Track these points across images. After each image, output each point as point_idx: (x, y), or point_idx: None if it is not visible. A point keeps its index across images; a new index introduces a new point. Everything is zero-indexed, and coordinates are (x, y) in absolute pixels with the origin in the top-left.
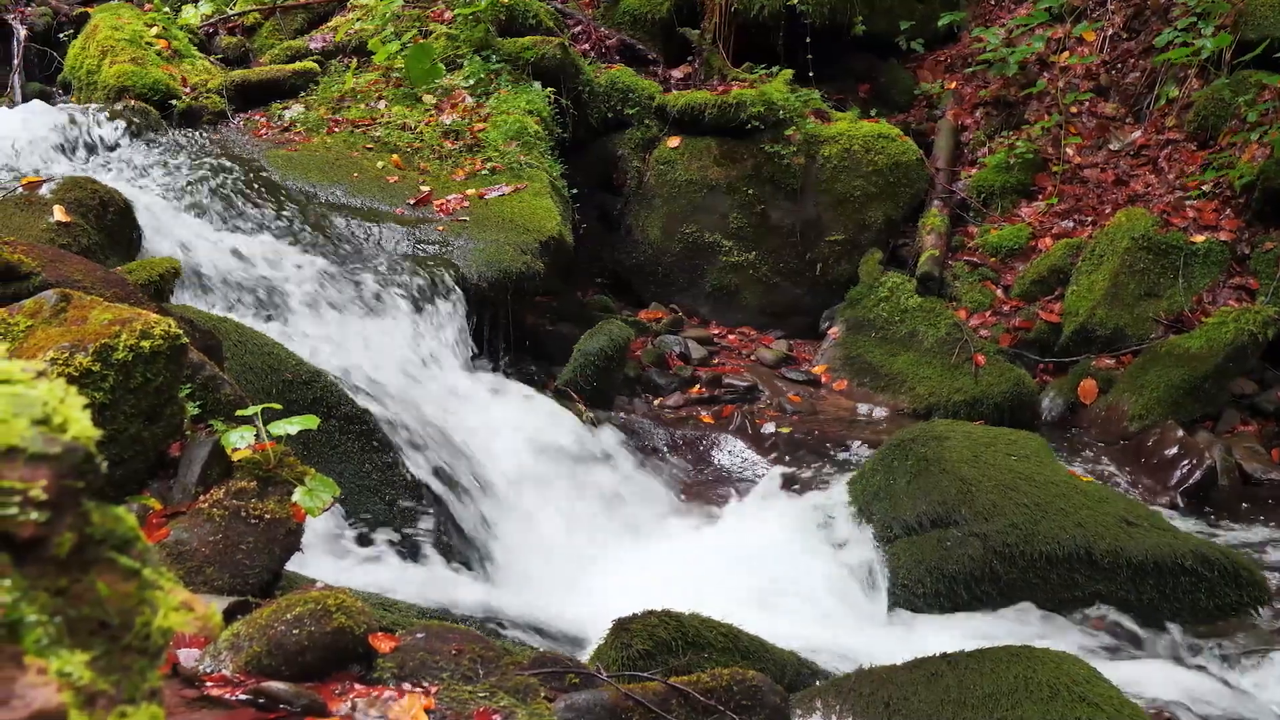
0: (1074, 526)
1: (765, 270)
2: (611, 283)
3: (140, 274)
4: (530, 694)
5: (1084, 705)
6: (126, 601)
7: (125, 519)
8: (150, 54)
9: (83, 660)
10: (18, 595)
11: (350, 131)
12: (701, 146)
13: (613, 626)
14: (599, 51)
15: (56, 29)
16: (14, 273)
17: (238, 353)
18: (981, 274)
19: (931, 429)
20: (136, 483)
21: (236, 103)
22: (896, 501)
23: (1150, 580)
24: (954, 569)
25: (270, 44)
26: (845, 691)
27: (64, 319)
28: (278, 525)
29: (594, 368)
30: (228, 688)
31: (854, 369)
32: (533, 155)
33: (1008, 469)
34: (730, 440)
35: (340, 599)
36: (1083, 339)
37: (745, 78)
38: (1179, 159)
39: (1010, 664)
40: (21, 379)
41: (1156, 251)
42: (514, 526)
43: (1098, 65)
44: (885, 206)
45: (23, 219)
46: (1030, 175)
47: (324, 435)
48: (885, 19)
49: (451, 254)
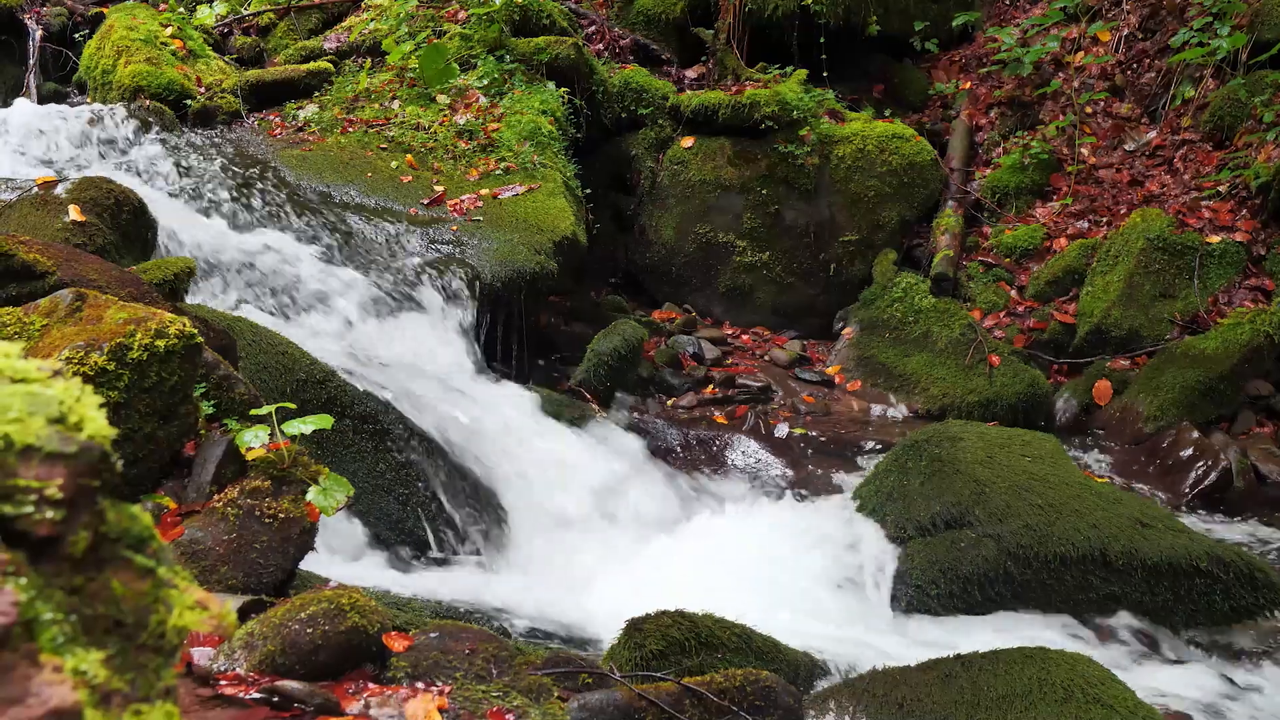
0: (1088, 528)
1: (779, 270)
2: (625, 283)
3: (155, 273)
4: (543, 694)
5: (1098, 707)
6: (141, 600)
7: (140, 518)
8: (165, 54)
9: (98, 658)
10: (33, 593)
11: (364, 131)
12: (715, 146)
13: (626, 626)
14: (613, 52)
15: (72, 29)
16: (30, 272)
17: (252, 352)
18: (996, 274)
19: (945, 430)
20: (151, 481)
21: (251, 103)
22: (910, 502)
23: (1165, 582)
24: (968, 570)
25: (284, 44)
26: (859, 692)
27: (79, 318)
28: (292, 524)
29: (607, 368)
30: (242, 686)
31: (868, 369)
32: (546, 155)
33: (1022, 470)
34: (743, 441)
35: (354, 598)
36: (1097, 340)
37: (759, 78)
38: (1194, 159)
39: (1024, 665)
40: (37, 378)
41: (1172, 252)
42: (528, 525)
43: (1113, 65)
44: (899, 207)
45: (38, 218)
46: (1045, 175)
47: (337, 435)
48: (900, 19)
49: (465, 254)
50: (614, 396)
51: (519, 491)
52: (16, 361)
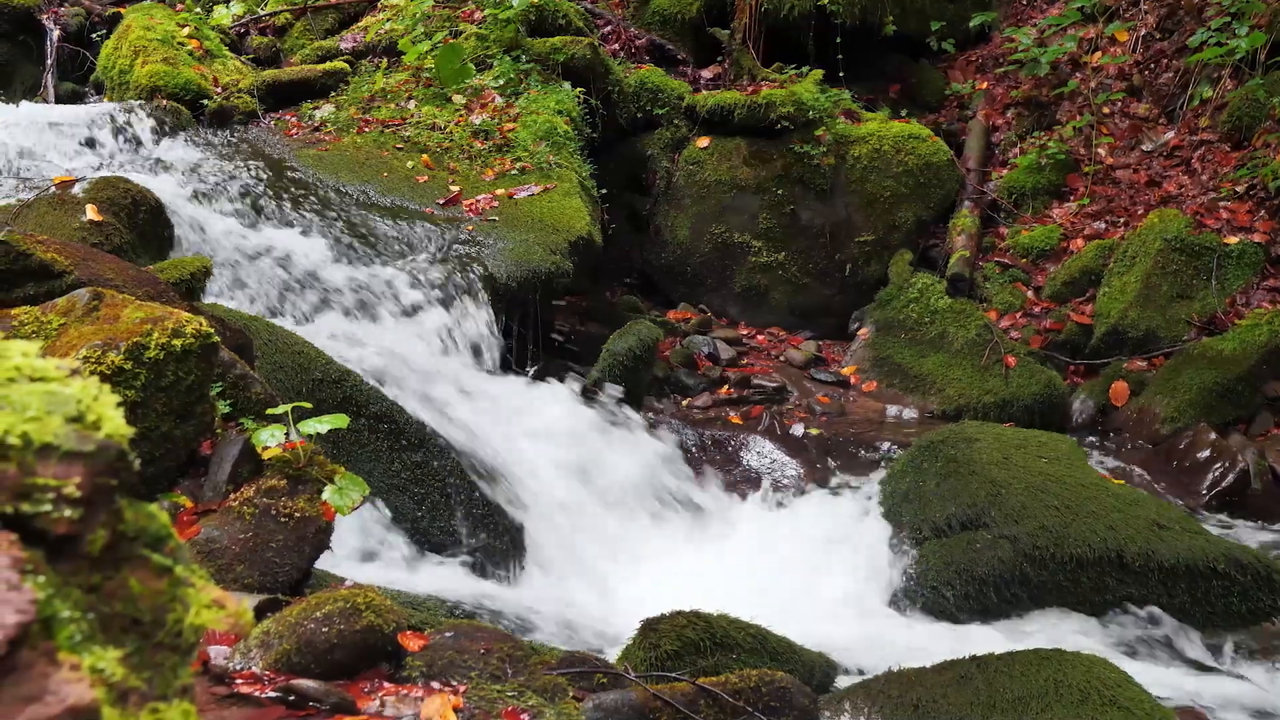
0: (1105, 529)
1: (794, 271)
2: (640, 283)
3: (171, 273)
4: (558, 694)
5: (1115, 709)
6: (159, 599)
7: (158, 516)
8: (182, 54)
9: (115, 657)
10: (51, 592)
11: (380, 131)
12: (731, 147)
13: (641, 627)
14: (628, 51)
15: (89, 29)
16: (47, 271)
17: (268, 351)
18: (1012, 275)
19: (961, 431)
20: (167, 480)
21: (267, 102)
22: (926, 503)
23: (1182, 584)
24: (983, 571)
25: (301, 44)
26: (874, 693)
27: (96, 317)
28: (307, 523)
29: (622, 368)
30: (258, 685)
31: (883, 370)
32: (562, 155)
33: (1038, 471)
34: (759, 441)
35: (369, 597)
36: (1114, 341)
37: (775, 78)
38: (1212, 160)
39: (1040, 667)
40: (55, 377)
41: (1189, 253)
42: (542, 525)
43: (1130, 65)
44: (915, 207)
45: (56, 217)
46: (1062, 176)
47: (353, 434)
48: (916, 19)
49: (481, 253)
50: (629, 397)
51: (535, 490)
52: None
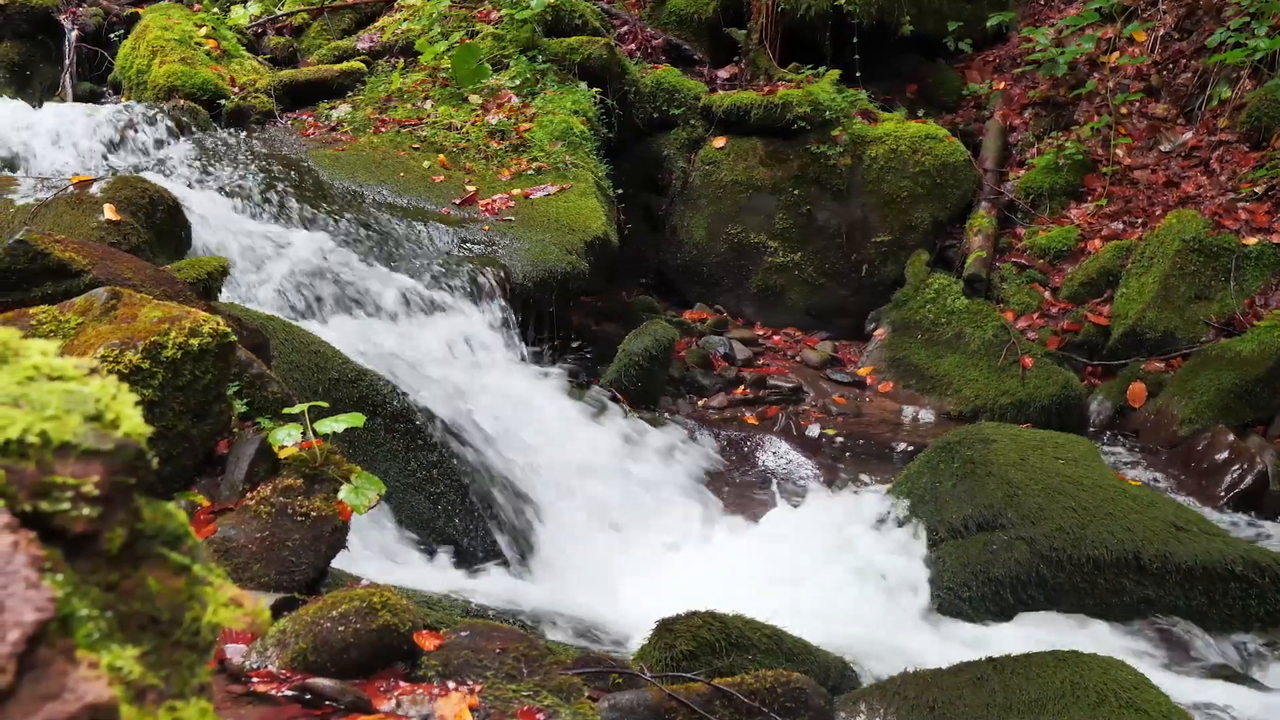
0: (1122, 531)
1: (811, 271)
2: (656, 283)
3: (189, 272)
4: (574, 693)
5: (1131, 711)
6: (176, 597)
7: (176, 515)
8: (199, 54)
9: (133, 655)
10: (70, 590)
11: (396, 131)
12: (747, 147)
13: (656, 627)
14: (645, 52)
15: (107, 29)
16: (65, 270)
17: (284, 351)
18: (1029, 276)
19: (978, 431)
20: (185, 479)
21: (284, 102)
22: (942, 504)
23: (1199, 586)
24: (1000, 573)
25: (318, 44)
26: (890, 694)
27: (114, 316)
28: (324, 523)
29: (638, 368)
30: (274, 683)
31: (900, 371)
32: (578, 155)
33: (1055, 472)
34: (774, 441)
35: (385, 596)
36: (1132, 342)
37: (792, 78)
38: (1231, 160)
39: (1057, 669)
40: (74, 376)
41: (1208, 254)
42: (558, 524)
43: (1148, 65)
44: (932, 207)
45: (74, 217)
46: (1079, 176)
47: (369, 433)
48: (933, 19)
49: (497, 253)
50: (645, 397)
51: (552, 490)
52: (53, 359)
